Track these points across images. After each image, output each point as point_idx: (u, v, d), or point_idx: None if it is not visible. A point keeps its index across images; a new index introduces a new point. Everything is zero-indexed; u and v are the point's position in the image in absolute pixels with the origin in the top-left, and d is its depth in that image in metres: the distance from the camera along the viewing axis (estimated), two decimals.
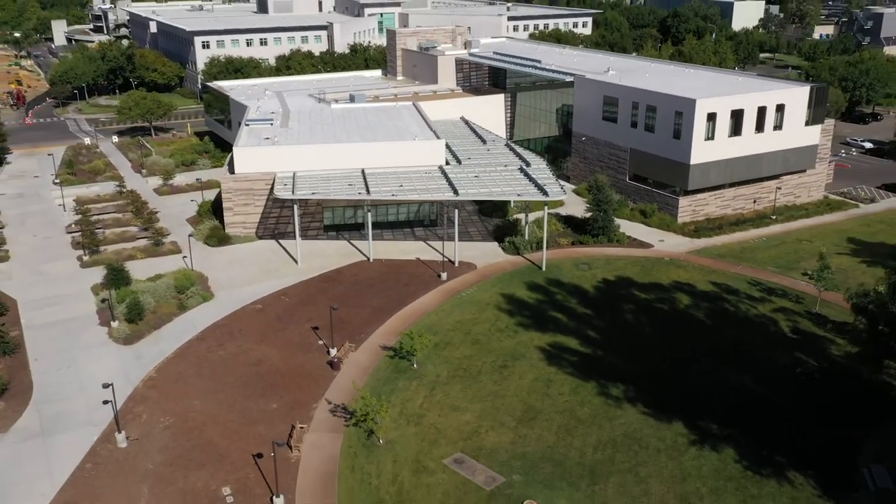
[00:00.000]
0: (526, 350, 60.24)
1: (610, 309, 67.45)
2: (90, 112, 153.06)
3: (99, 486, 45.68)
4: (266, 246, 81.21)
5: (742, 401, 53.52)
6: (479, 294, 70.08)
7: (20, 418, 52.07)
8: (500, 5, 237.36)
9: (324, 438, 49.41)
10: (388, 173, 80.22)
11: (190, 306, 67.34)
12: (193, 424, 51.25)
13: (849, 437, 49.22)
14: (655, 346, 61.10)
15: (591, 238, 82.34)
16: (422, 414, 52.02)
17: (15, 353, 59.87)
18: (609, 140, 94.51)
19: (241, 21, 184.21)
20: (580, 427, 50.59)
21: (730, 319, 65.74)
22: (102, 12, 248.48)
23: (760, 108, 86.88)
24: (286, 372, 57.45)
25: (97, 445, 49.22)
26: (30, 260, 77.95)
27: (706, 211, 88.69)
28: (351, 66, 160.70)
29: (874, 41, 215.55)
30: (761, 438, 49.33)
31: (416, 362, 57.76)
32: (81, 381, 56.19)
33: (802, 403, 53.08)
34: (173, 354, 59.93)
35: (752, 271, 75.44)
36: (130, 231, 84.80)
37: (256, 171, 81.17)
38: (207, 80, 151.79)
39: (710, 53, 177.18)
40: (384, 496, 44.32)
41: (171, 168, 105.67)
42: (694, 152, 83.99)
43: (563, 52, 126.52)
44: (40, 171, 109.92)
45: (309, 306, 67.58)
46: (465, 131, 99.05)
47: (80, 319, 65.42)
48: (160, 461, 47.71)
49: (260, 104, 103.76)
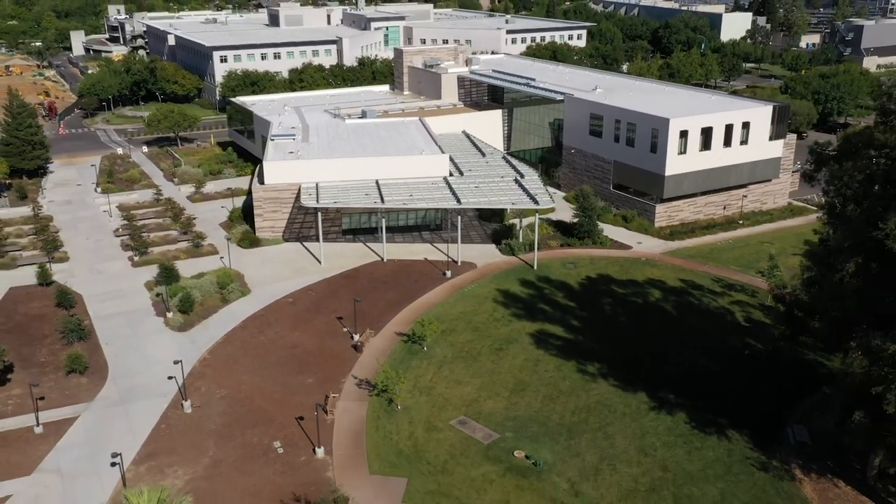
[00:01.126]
0: (518, 336, 71.51)
1: (591, 302, 78.70)
2: (117, 123, 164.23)
3: (173, 441, 56.91)
4: (292, 248, 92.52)
5: (697, 376, 64.75)
6: (478, 289, 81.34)
7: (102, 390, 63.35)
8: (499, 17, 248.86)
9: (352, 405, 60.71)
10: (399, 184, 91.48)
11: (231, 300, 78.61)
12: (244, 395, 62.55)
13: (780, 404, 60.43)
14: (628, 333, 72.36)
15: (578, 240, 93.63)
16: (432, 386, 63.31)
17: (88, 338, 71.05)
18: (595, 153, 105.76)
19: (255, 35, 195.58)
20: (561, 396, 61.87)
21: (693, 310, 77.03)
22: (119, 23, 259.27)
23: (728, 125, 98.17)
24: (317, 353, 68.73)
25: (168, 411, 60.50)
26: (87, 260, 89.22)
27: (680, 216, 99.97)
28: (359, 79, 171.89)
29: (855, 52, 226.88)
30: (709, 405, 60.53)
31: (426, 346, 68.99)
32: (147, 362, 67.48)
33: (746, 378, 64.29)
34: (221, 340, 71.23)
35: (716, 270, 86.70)
36: (171, 235, 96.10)
37: (283, 182, 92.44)
38: (226, 93, 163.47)
39: (696, 66, 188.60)
40: (402, 448, 55.59)
41: (202, 177, 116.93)
42: (668, 165, 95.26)
43: (556, 69, 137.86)
44: (81, 179, 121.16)
45: (333, 299, 78.87)
46: (466, 144, 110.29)
47: (138, 311, 76.73)
48: (220, 423, 58.99)
49: (281, 119, 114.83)
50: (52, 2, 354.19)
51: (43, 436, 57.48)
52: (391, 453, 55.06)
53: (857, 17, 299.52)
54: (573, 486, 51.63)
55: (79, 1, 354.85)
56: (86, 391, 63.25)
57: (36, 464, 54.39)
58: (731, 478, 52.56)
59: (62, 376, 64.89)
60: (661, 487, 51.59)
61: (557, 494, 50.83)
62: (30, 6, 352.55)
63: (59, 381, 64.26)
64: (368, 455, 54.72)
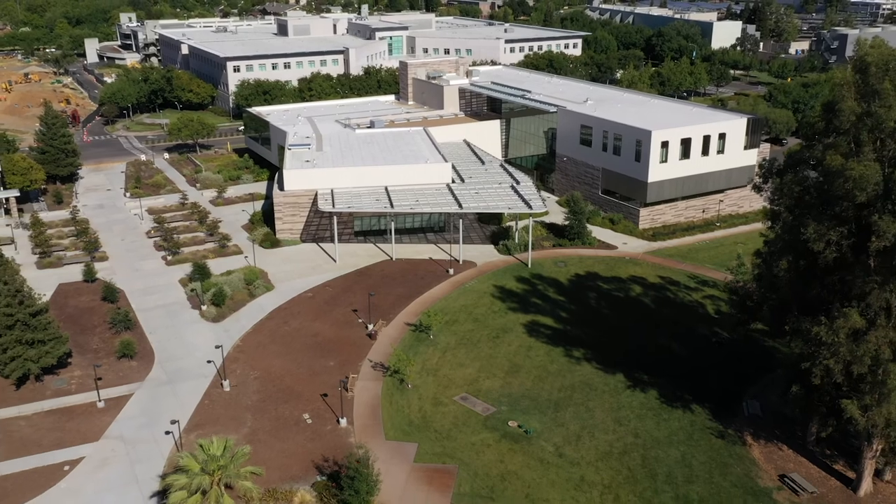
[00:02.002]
0: (513, 326, 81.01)
1: (578, 296, 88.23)
2: (137, 130, 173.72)
3: (216, 414, 66.40)
4: (309, 248, 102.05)
5: (668, 359, 74.24)
6: (478, 285, 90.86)
7: (151, 372, 72.89)
8: (497, 26, 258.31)
9: (369, 384, 70.24)
10: (406, 190, 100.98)
11: (257, 294, 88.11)
12: (275, 376, 72.06)
13: (738, 383, 69.92)
14: (611, 323, 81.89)
15: (569, 241, 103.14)
16: (437, 368, 72.83)
17: (134, 328, 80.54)
18: (585, 160, 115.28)
19: (265, 45, 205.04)
20: (549, 377, 71.39)
21: (669, 303, 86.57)
22: (132, 31, 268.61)
23: (706, 136, 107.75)
24: (336, 341, 78.25)
25: (209, 389, 70.01)
26: (124, 259, 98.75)
27: (662, 219, 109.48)
28: (365, 88, 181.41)
29: (840, 60, 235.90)
30: (677, 384, 70.01)
31: (432, 334, 78.46)
32: (188, 348, 77.01)
33: (712, 361, 73.77)
34: (251, 329, 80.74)
35: (692, 268, 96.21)
36: (199, 236, 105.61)
37: (301, 188, 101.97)
38: (240, 101, 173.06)
39: (685, 74, 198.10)
40: (413, 419, 65.12)
41: (222, 182, 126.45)
42: (651, 172, 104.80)
43: (550, 81, 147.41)
44: (110, 184, 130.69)
45: (348, 294, 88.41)
46: (467, 153, 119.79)
47: (175, 304, 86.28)
48: (256, 399, 68.51)
49: (296, 130, 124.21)
50: (63, 9, 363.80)
51: (105, 409, 67.02)
52: (403, 423, 64.60)
53: (846, 25, 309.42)
54: (558, 449, 61.16)
55: (89, 8, 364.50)
56: (137, 373, 72.78)
57: (102, 432, 63.93)
58: (691, 443, 62.10)
59: (115, 360, 74.39)
60: (631, 450, 61.12)
61: (544, 456, 60.36)
62: (41, 13, 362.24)
63: (113, 365, 73.77)
64: (384, 424, 64.28)
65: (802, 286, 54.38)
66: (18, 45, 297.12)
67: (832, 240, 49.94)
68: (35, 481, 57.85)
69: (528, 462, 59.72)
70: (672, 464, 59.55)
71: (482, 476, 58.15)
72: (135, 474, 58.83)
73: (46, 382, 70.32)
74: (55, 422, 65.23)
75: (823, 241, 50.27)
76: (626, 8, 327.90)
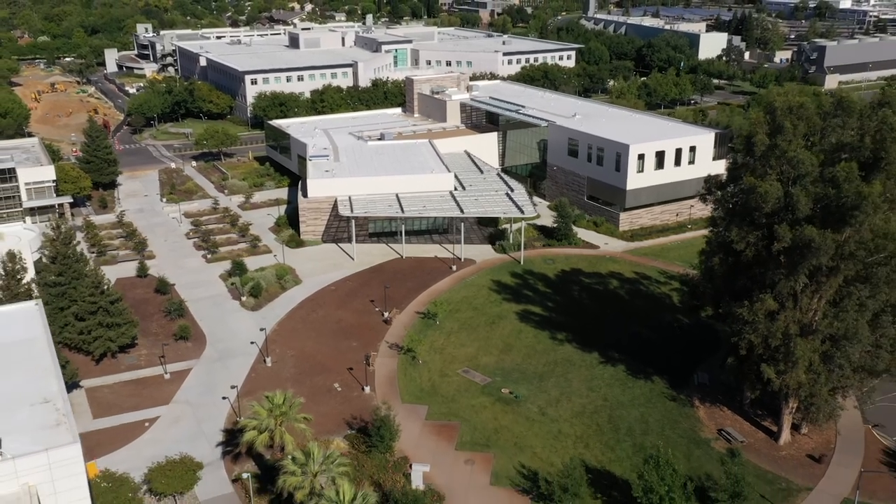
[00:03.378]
0: (507, 313, 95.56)
1: (563, 289, 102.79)
2: (163, 139, 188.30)
3: (261, 384, 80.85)
4: (329, 248, 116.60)
5: (636, 340, 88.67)
6: (477, 280, 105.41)
7: (204, 351, 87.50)
8: (496, 38, 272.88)
9: (386, 360, 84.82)
10: (414, 197, 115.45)
11: (288, 288, 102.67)
12: (308, 354, 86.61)
13: (692, 359, 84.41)
14: (590, 311, 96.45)
15: (557, 241, 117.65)
16: (443, 348, 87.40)
17: (185, 315, 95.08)
18: (572, 170, 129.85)
19: (280, 58, 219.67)
20: (536, 354, 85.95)
21: (640, 295, 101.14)
22: (150, 42, 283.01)
23: (678, 149, 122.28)
24: (357, 326, 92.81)
25: (254, 365, 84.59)
26: (169, 258, 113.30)
27: (640, 222, 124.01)
28: (373, 99, 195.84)
29: (819, 70, 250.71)
30: (642, 360, 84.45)
31: (438, 320, 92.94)
32: (233, 332, 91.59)
33: (672, 342, 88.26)
34: (285, 316, 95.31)
35: (663, 264, 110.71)
36: (232, 237, 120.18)
37: (322, 195, 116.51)
38: (258, 112, 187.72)
39: (671, 85, 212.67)
40: (424, 387, 79.68)
41: (247, 189, 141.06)
42: (629, 181, 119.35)
43: (543, 95, 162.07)
44: (146, 190, 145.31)
45: (366, 287, 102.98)
46: (467, 163, 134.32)
47: (218, 296, 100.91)
48: (294, 372, 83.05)
49: (314, 142, 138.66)
50: (78, 18, 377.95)
51: (171, 380, 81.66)
52: (416, 390, 79.22)
53: (829, 34, 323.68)
54: (541, 409, 75.76)
55: (104, 17, 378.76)
56: (192, 352, 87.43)
57: (171, 397, 78.58)
58: (649, 405, 76.67)
59: (173, 342, 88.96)
60: (600, 411, 75.72)
61: (530, 415, 74.96)
62: (58, 21, 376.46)
63: (172, 345, 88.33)
64: (400, 391, 78.93)
65: (732, 278, 68.96)
66: (40, 55, 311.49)
67: (750, 241, 64.54)
68: (123, 434, 72.52)
69: (517, 419, 74.32)
70: (632, 421, 74.17)
71: (480, 430, 72.79)
72: (201, 429, 73.49)
73: (120, 359, 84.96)
74: (132, 390, 79.87)
75: (744, 243, 64.88)
76: (619, 18, 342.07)
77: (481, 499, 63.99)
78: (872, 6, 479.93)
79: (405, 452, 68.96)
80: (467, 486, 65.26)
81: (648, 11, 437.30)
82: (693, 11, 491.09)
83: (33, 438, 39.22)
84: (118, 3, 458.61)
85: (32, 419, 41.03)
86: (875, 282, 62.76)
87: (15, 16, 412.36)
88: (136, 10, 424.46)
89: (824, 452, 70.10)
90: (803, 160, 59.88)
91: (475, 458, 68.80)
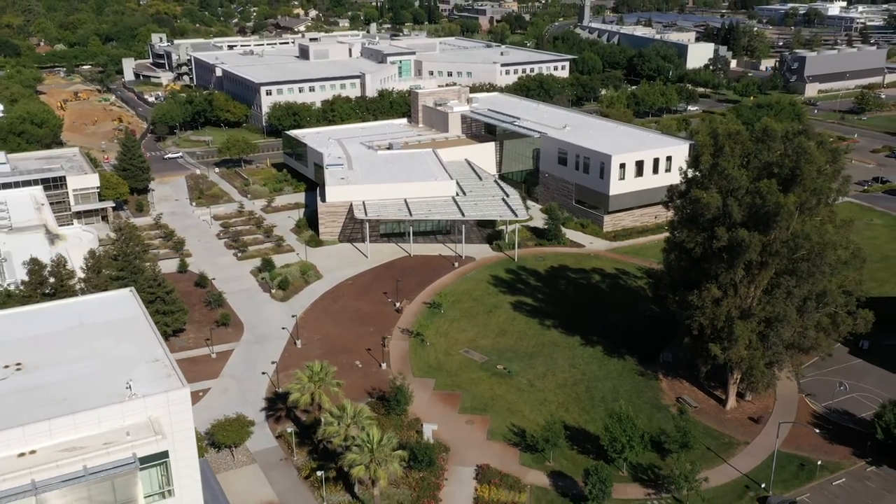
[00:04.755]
0: (502, 303, 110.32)
1: (552, 283, 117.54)
2: (185, 146, 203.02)
3: (294, 362, 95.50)
4: (346, 247, 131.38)
5: (613, 326, 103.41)
6: (477, 275, 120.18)
7: (243, 335, 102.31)
8: (495, 48, 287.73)
9: (399, 342, 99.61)
10: (420, 201, 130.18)
11: (310, 282, 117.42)
12: (332, 337, 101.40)
13: (660, 342, 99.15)
14: (575, 302, 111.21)
15: (547, 241, 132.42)
16: (447, 332, 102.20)
17: (224, 305, 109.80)
18: (562, 177, 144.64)
19: (291, 68, 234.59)
20: (526, 338, 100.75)
21: (619, 288, 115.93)
22: (165, 52, 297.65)
23: (655, 158, 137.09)
24: (373, 314, 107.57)
25: (287, 346, 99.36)
26: (204, 256, 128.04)
27: (622, 224, 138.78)
28: (379, 108, 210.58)
29: (799, 79, 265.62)
30: (617, 342, 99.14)
31: (443, 309, 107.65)
32: (266, 319, 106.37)
33: (644, 327, 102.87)
34: (310, 307, 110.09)
35: (641, 261, 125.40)
36: (259, 237, 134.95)
37: (339, 200, 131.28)
38: (273, 122, 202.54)
39: (658, 95, 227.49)
40: (431, 364, 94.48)
41: (269, 193, 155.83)
42: (612, 187, 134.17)
43: (537, 108, 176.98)
44: (176, 195, 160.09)
45: (379, 281, 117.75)
46: (467, 170, 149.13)
47: (251, 289, 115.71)
48: (320, 352, 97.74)
49: (329, 151, 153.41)
50: (93, 26, 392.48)
51: (216, 359, 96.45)
52: (425, 366, 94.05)
53: (813, 43, 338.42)
54: (529, 382, 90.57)
55: (117, 25, 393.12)
56: (233, 335, 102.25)
57: (218, 373, 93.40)
58: (621, 379, 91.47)
59: (215, 327, 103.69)
60: (579, 383, 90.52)
61: (520, 386, 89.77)
62: (73, 30, 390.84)
63: (215, 330, 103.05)
64: (412, 367, 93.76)
65: (685, 271, 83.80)
66: (59, 63, 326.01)
67: (697, 241, 79.36)
68: None
69: (510, 390, 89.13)
70: (605, 391, 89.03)
71: (478, 398, 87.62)
72: (246, 398, 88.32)
73: (172, 342, 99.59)
74: (186, 367, 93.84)
75: (693, 242, 79.73)
76: (612, 28, 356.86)
77: (480, 450, 78.82)
78: (860, 13, 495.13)
79: (417, 415, 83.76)
80: (468, 441, 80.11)
81: (642, 19, 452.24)
82: (687, 17, 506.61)
83: (152, 385, 53.69)
84: (129, 11, 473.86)
85: (149, 373, 55.34)
86: (800, 274, 77.45)
87: (30, 23, 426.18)
88: (147, 17, 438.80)
89: (763, 415, 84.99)
90: (737, 177, 74.77)
91: (474, 420, 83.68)
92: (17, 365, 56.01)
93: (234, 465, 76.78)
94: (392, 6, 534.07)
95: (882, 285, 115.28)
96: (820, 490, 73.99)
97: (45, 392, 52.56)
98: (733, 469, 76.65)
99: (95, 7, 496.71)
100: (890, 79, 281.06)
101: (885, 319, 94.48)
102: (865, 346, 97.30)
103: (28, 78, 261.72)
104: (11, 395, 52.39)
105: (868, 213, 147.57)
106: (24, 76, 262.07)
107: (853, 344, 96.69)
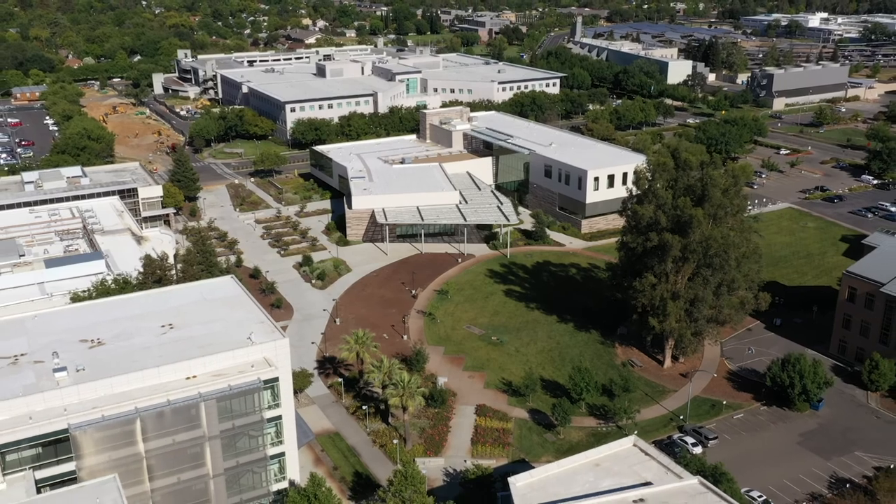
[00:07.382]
0: (496, 291, 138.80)
1: (537, 275, 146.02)
2: (221, 158, 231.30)
3: (335, 335, 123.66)
4: (369, 246, 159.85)
5: (584, 308, 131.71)
6: (477, 269, 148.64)
7: (293, 315, 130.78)
8: (493, 65, 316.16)
9: (416, 320, 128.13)
10: (430, 209, 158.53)
11: (342, 274, 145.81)
12: (363, 316, 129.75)
13: (619, 319, 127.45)
14: (554, 289, 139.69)
15: (534, 241, 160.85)
16: (453, 313, 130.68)
17: (275, 292, 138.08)
18: (547, 187, 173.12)
19: (310, 86, 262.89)
20: (515, 317, 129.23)
21: (591, 279, 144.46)
22: (192, 68, 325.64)
23: (624, 172, 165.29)
24: (394, 299, 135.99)
25: (328, 323, 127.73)
26: (253, 253, 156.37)
27: (597, 227, 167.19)
28: (390, 124, 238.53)
29: (768, 94, 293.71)
30: (586, 319, 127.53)
31: (450, 295, 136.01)
32: (310, 303, 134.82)
33: (607, 308, 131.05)
34: (344, 294, 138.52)
35: (609, 258, 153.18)
36: (296, 238, 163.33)
37: (363, 207, 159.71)
38: (297, 136, 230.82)
39: (637, 110, 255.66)
40: (442, 336, 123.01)
41: (301, 201, 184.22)
42: (588, 197, 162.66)
43: (529, 126, 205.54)
44: (221, 202, 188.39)
45: (397, 273, 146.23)
46: (469, 182, 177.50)
47: (294, 280, 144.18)
48: (355, 327, 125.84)
49: (351, 165, 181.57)
50: (119, 40, 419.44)
51: None
52: (436, 337, 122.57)
53: (787, 57, 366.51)
54: (517, 349, 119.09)
55: (141, 38, 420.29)
56: (285, 315, 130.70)
57: None
58: (586, 347, 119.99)
59: (272, 309, 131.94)
60: (554, 350, 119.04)
61: (509, 352, 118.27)
62: (101, 43, 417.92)
63: (272, 311, 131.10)
64: (426, 338, 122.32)
65: (632, 264, 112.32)
66: (91, 76, 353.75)
67: (638, 242, 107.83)
68: None
69: (501, 355, 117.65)
70: (574, 355, 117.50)
71: (477, 360, 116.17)
72: (302, 360, 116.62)
73: None
74: None
75: (635, 243, 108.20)
76: (601, 43, 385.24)
77: (478, 395, 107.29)
78: (839, 24, 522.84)
79: (431, 371, 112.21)
80: (470, 389, 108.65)
81: (632, 31, 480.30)
82: (675, 29, 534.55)
83: (264, 336, 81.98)
84: (148, 23, 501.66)
85: (259, 329, 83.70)
86: (713, 266, 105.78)
87: (56, 36, 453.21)
88: (166, 29, 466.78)
89: (690, 372, 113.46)
90: (663, 196, 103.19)
91: (474, 375, 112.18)
92: (170, 325, 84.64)
93: (299, 405, 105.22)
94: (396, 17, 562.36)
95: (802, 276, 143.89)
96: (724, 422, 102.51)
97: (195, 341, 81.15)
98: (663, 408, 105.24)
99: (115, 18, 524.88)
100: (852, 93, 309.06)
101: (800, 303, 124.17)
102: (778, 322, 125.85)
103: (71, 93, 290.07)
104: (172, 343, 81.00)
105: (804, 217, 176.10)
106: (68, 92, 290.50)
107: (769, 321, 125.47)
